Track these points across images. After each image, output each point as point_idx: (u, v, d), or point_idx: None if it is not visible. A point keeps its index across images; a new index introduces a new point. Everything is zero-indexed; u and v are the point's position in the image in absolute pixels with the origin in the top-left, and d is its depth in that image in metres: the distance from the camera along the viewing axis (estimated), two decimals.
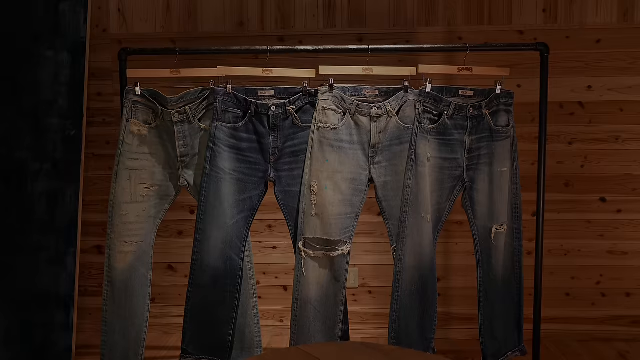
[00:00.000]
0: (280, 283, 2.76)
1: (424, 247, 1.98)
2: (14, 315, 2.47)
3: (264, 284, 2.77)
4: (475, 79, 2.16)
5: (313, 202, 1.99)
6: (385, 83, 2.07)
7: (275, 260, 2.75)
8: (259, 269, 2.75)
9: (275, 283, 2.76)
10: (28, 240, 2.53)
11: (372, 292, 2.75)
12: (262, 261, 2.75)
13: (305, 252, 1.99)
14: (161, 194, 2.07)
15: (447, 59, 2.60)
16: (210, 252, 1.99)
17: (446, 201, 2.03)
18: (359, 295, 2.75)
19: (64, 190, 2.56)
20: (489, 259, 2.04)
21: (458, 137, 2.00)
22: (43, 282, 2.51)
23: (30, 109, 2.59)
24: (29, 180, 2.56)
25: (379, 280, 2.74)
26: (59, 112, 2.60)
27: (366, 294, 2.75)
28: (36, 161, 2.56)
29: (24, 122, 2.59)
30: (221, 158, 1.99)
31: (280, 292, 2.76)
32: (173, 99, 2.00)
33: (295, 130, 2.02)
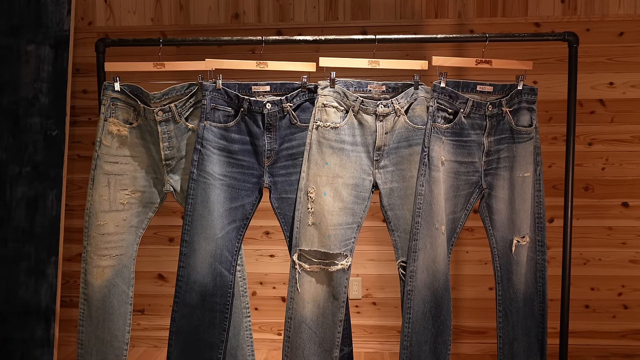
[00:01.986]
0: (278, 294, 2.47)
1: (438, 263, 1.68)
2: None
3: (261, 295, 2.48)
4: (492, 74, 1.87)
5: (310, 210, 1.69)
6: (393, 78, 1.77)
7: (272, 270, 2.46)
8: (255, 278, 2.47)
9: (273, 294, 2.47)
10: (6, 249, 2.24)
11: (376, 304, 2.46)
12: (258, 270, 2.46)
13: (300, 265, 1.70)
14: (144, 201, 1.78)
15: (457, 54, 2.30)
16: (197, 267, 1.70)
17: (461, 210, 1.73)
18: (362, 306, 2.46)
19: (45, 195, 2.28)
20: (509, 275, 1.75)
21: (475, 138, 1.71)
22: (22, 294, 2.23)
23: (8, 107, 2.30)
24: (8, 184, 2.27)
25: (383, 291, 2.45)
26: (40, 111, 2.32)
27: (370, 306, 2.46)
28: (15, 164, 2.27)
29: (2, 122, 2.30)
30: (210, 162, 1.70)
31: (277, 304, 2.47)
32: (156, 95, 1.71)
33: (293, 130, 1.73)
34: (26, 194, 2.27)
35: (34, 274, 2.24)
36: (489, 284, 2.43)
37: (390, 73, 1.79)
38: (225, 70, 1.72)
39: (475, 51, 2.21)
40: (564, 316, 1.80)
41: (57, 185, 2.29)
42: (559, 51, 2.33)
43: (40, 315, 2.24)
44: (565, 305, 1.80)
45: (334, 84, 1.70)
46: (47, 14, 2.35)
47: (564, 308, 1.80)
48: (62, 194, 2.29)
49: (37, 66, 2.32)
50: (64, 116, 2.32)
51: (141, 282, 2.49)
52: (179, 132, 1.74)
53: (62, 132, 2.32)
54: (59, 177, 2.29)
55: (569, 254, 1.79)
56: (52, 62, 2.34)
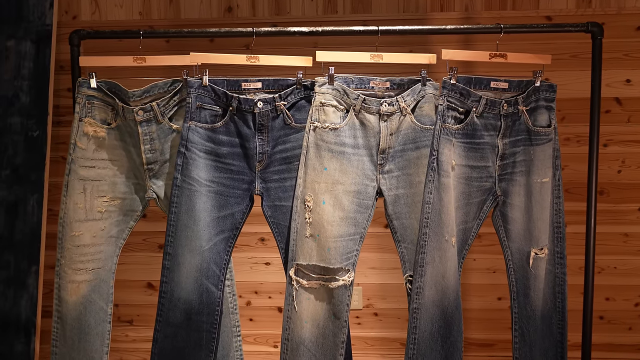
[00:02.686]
0: (274, 304, 2.26)
1: (448, 278, 1.47)
2: None
3: (256, 305, 2.27)
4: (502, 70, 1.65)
5: (308, 221, 1.48)
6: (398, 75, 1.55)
7: (268, 278, 2.25)
8: (249, 287, 2.25)
9: (269, 304, 2.26)
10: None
11: (378, 315, 2.25)
12: (253, 279, 2.25)
13: (297, 281, 1.49)
14: (125, 209, 1.57)
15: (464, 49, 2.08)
16: (182, 282, 1.49)
17: (473, 219, 1.52)
18: (363, 317, 2.25)
19: (25, 200, 2.06)
20: (526, 291, 1.54)
21: (489, 140, 1.49)
22: (0, 306, 2.02)
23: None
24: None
25: (385, 301, 2.24)
26: (20, 110, 2.10)
27: (371, 317, 2.25)
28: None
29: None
30: (195, 166, 1.49)
31: (274, 314, 2.26)
32: (136, 93, 1.50)
33: (287, 131, 1.52)
34: (5, 199, 2.06)
35: (13, 285, 2.03)
36: (498, 293, 2.22)
37: (395, 69, 1.58)
38: (215, 67, 1.50)
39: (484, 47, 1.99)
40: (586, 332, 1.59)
41: (39, 190, 2.08)
42: (573, 46, 2.11)
43: (19, 329, 2.02)
44: (587, 319, 1.59)
45: (332, 81, 1.48)
46: (28, 8, 2.13)
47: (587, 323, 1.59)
48: (43, 199, 2.07)
49: (17, 63, 2.11)
50: (46, 116, 2.11)
51: (129, 291, 2.28)
52: (162, 134, 1.53)
53: (44, 132, 2.10)
54: (41, 181, 2.08)
55: (592, 264, 1.58)
56: (34, 59, 2.12)
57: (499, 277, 2.19)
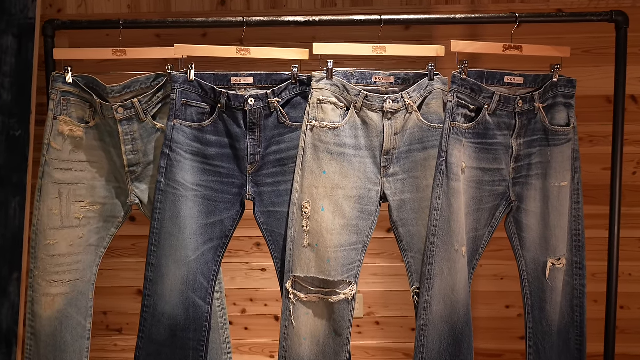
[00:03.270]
0: (270, 312, 2.10)
1: (458, 292, 1.31)
2: None
3: (251, 313, 2.10)
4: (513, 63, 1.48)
5: (305, 229, 1.32)
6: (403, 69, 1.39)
7: (264, 285, 2.09)
8: (244, 294, 2.09)
9: (265, 312, 2.10)
10: None
11: (379, 323, 2.09)
12: (248, 286, 2.09)
13: (295, 295, 1.33)
14: (105, 214, 1.40)
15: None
16: (166, 295, 1.32)
17: (485, 227, 1.36)
18: (364, 326, 2.09)
19: (6, 203, 1.89)
20: (541, 304, 1.37)
21: (502, 141, 1.33)
22: None
23: None
24: None
25: (388, 310, 2.07)
26: (1, 109, 1.93)
27: (373, 326, 2.09)
28: None
29: None
30: (181, 168, 1.32)
31: (270, 323, 2.10)
32: (115, 88, 1.33)
33: (281, 130, 1.35)
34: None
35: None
36: (506, 301, 2.05)
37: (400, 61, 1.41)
38: (203, 62, 1.34)
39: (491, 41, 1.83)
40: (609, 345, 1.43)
41: (21, 192, 1.90)
42: (586, 41, 1.94)
43: (0, 339, 1.86)
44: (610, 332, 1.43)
45: (331, 75, 1.31)
46: (10, 0, 1.96)
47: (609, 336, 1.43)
48: (26, 202, 1.90)
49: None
50: (28, 114, 1.93)
51: (118, 298, 2.11)
52: (144, 133, 1.36)
53: (26, 132, 1.93)
54: (23, 183, 1.90)
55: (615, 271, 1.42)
56: (16, 54, 1.95)
57: (507, 284, 2.03)
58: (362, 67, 1.34)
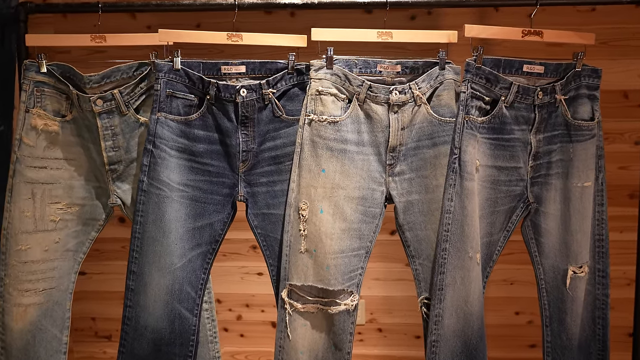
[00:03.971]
0: (267, 318, 1.95)
1: (472, 303, 1.15)
2: None
3: (247, 319, 1.95)
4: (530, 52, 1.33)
5: (302, 233, 1.17)
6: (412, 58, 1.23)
7: (260, 290, 1.94)
8: (240, 300, 1.94)
9: (261, 318, 1.95)
10: None
11: (382, 330, 1.94)
12: (244, 291, 1.94)
13: (291, 305, 1.18)
14: (84, 217, 1.25)
15: None
16: (149, 306, 1.17)
17: (500, 231, 1.20)
18: (366, 333, 1.94)
19: None
20: (561, 315, 1.22)
21: (520, 136, 1.17)
22: None
23: None
24: None
25: (391, 316, 1.92)
26: None
27: (375, 333, 1.94)
28: None
29: None
30: (165, 167, 1.17)
31: (267, 330, 1.95)
32: (93, 78, 1.18)
33: (277, 125, 1.20)
34: None
35: None
36: (515, 307, 1.90)
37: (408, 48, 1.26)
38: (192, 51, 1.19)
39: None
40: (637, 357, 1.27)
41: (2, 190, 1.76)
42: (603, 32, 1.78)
43: None
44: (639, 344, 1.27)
45: (331, 64, 1.16)
46: None
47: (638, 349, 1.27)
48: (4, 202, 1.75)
49: None
50: (11, 109, 1.77)
51: (108, 303, 1.96)
52: (126, 128, 1.21)
53: (8, 127, 1.77)
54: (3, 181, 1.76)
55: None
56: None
57: (517, 289, 1.88)
58: (366, 54, 1.19)
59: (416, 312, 1.93)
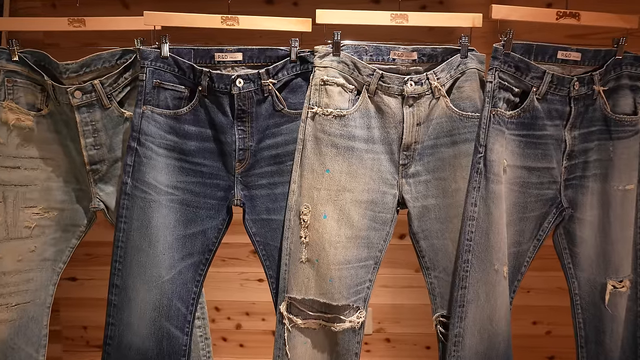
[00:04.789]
0: (267, 327, 1.79)
1: (497, 322, 0.99)
2: None
3: (247, 329, 1.80)
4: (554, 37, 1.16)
5: (303, 240, 1.01)
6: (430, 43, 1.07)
7: (261, 297, 1.78)
8: (240, 308, 1.79)
9: (262, 327, 1.80)
10: None
11: (390, 341, 1.78)
12: (244, 298, 1.79)
13: (290, 320, 1.02)
14: (63, 223, 1.10)
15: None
16: (134, 324, 1.02)
17: (530, 240, 1.04)
18: (373, 344, 1.78)
19: None
20: (599, 335, 1.06)
21: (553, 132, 1.01)
22: None
23: None
24: None
25: (399, 325, 1.77)
26: None
27: (383, 343, 1.78)
28: None
29: None
30: (152, 167, 1.01)
31: (267, 339, 1.80)
32: (70, 67, 1.02)
33: (277, 120, 1.04)
34: None
35: None
36: (533, 317, 1.74)
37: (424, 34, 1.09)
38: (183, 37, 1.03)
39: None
40: None
41: None
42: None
43: None
44: None
45: (338, 50, 1.00)
46: None
47: None
48: None
49: None
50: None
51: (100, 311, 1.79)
52: (109, 123, 1.06)
53: None
54: None
55: None
56: None
57: (534, 297, 1.72)
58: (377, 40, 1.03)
59: (426, 321, 1.77)
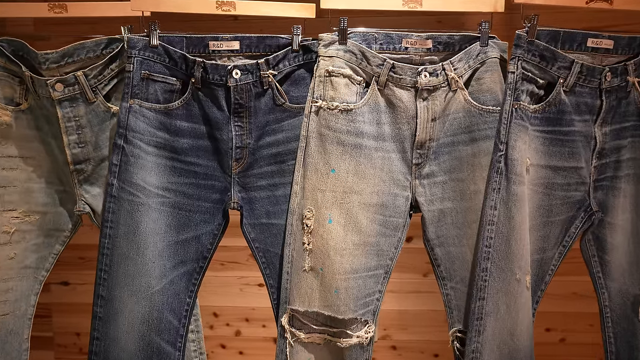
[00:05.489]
0: (268, 334, 1.69)
1: (519, 336, 0.89)
2: None
3: (247, 335, 1.70)
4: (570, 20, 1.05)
5: (307, 247, 0.91)
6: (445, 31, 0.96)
7: (261, 303, 1.68)
8: (239, 314, 1.69)
9: (262, 334, 1.69)
10: None
11: (396, 348, 1.68)
12: (243, 304, 1.68)
13: (292, 334, 0.92)
14: (46, 227, 1.00)
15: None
16: (120, 339, 0.91)
17: (554, 246, 0.94)
18: (379, 352, 1.68)
19: None
20: (632, 353, 0.96)
21: (581, 128, 0.91)
22: None
23: None
24: None
25: (406, 332, 1.66)
26: None
27: (388, 351, 1.68)
28: None
29: None
30: (140, 167, 0.91)
31: (268, 346, 1.70)
32: (50, 56, 0.92)
33: (278, 115, 0.94)
34: None
35: None
36: (545, 324, 1.64)
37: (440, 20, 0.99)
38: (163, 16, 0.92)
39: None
40: None
41: None
42: None
43: None
44: None
45: (345, 38, 0.90)
46: None
47: None
48: None
49: None
50: None
51: None
52: (94, 119, 0.95)
53: None
54: None
55: None
56: None
57: (548, 303, 1.60)
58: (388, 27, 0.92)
59: (434, 327, 1.67)
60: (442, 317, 1.64)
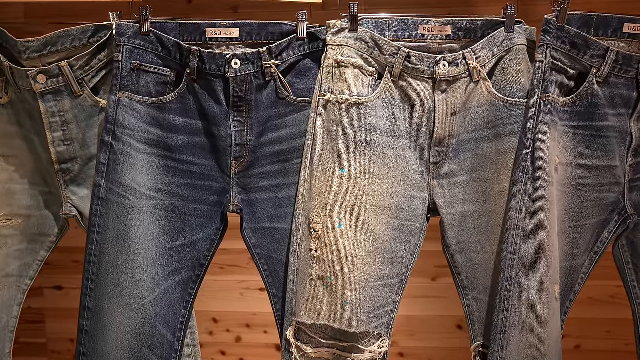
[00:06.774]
0: (270, 340, 1.61)
1: (546, 351, 0.81)
2: None
3: (248, 342, 1.61)
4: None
5: (314, 254, 0.82)
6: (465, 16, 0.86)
7: (263, 308, 1.59)
8: (240, 319, 1.61)
9: (264, 340, 1.61)
10: None
11: (403, 355, 1.60)
12: (244, 309, 1.60)
13: (298, 349, 0.83)
14: (30, 232, 0.91)
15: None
16: (109, 355, 0.82)
17: (585, 252, 0.84)
18: None
19: None
20: None
21: (616, 123, 0.81)
22: None
23: None
24: None
25: (414, 339, 1.58)
26: None
27: (396, 357, 1.60)
28: None
29: None
30: (130, 166, 0.81)
31: (270, 353, 1.61)
32: (31, 45, 0.82)
33: (282, 109, 0.84)
34: None
35: None
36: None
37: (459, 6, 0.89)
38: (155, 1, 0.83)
39: None
40: None
41: None
42: None
43: None
44: None
45: (356, 25, 0.80)
46: None
47: None
48: None
49: None
50: None
51: None
52: (81, 114, 0.86)
53: None
54: None
55: None
56: None
57: None
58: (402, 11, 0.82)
59: (442, 334, 1.58)
60: (451, 323, 1.56)
